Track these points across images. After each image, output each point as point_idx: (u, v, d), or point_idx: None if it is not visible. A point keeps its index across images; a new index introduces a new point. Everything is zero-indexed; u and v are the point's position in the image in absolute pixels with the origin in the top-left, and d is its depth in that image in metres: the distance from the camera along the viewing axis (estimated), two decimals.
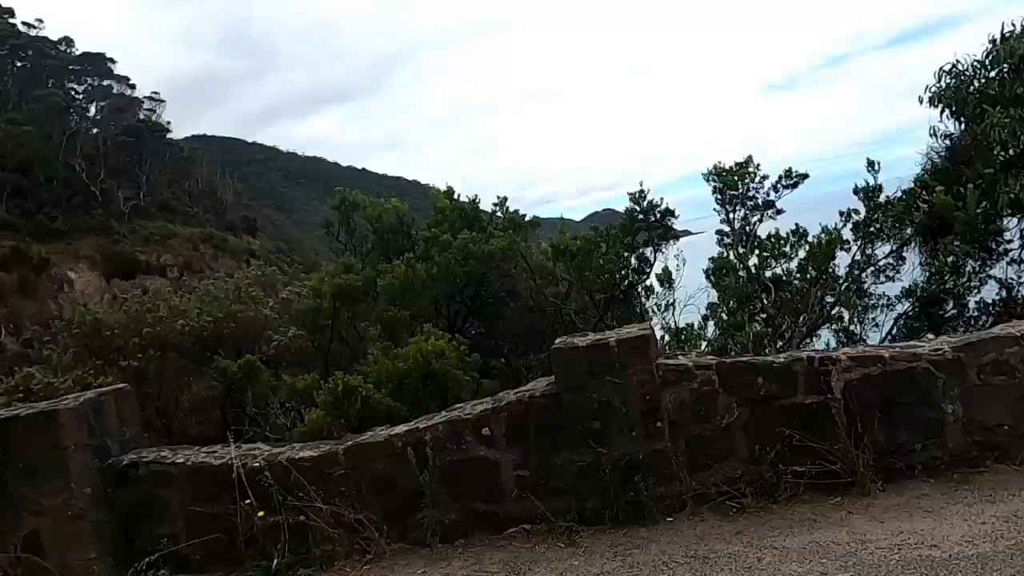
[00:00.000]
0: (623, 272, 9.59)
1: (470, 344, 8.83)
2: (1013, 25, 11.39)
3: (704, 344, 13.95)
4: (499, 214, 10.19)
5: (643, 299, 10.59)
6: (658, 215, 9.30)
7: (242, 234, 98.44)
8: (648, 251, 9.62)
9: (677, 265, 11.05)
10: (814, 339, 13.27)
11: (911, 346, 5.07)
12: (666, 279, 11.32)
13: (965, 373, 4.87)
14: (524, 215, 10.03)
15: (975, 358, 4.84)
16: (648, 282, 11.61)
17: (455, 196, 11.39)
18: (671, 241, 9.63)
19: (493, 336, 10.49)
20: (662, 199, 9.63)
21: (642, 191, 9.43)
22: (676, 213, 9.84)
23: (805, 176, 12.37)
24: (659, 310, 12.01)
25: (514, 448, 5.53)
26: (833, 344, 13.30)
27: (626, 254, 9.54)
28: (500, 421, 5.57)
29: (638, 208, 9.47)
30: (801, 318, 12.87)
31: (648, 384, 5.27)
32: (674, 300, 12.00)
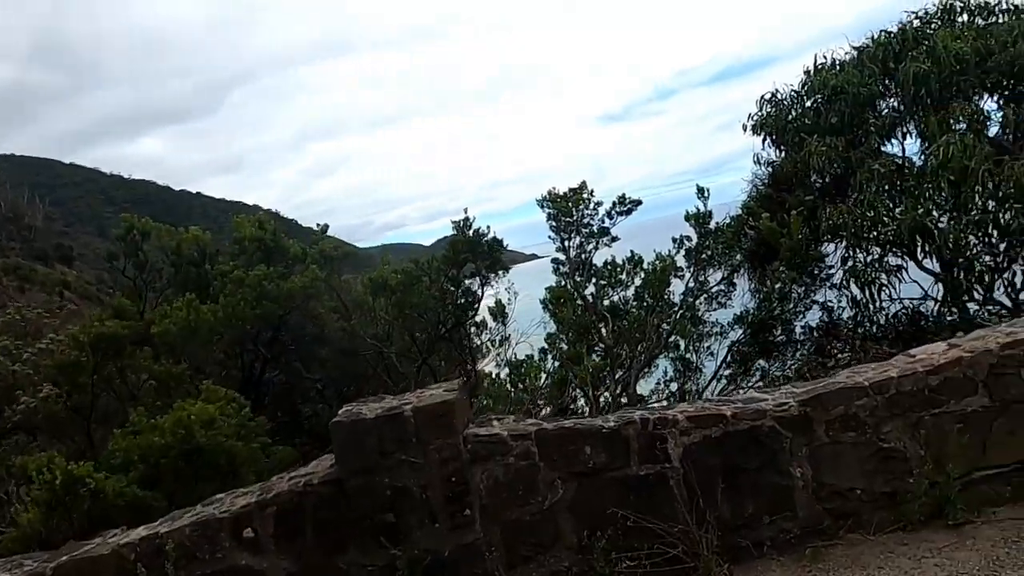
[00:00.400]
0: (449, 308, 8.53)
1: (265, 401, 7.43)
2: (824, 58, 11.64)
3: (544, 376, 13.26)
4: (309, 248, 8.83)
5: (473, 336, 9.60)
6: (486, 245, 8.34)
7: (55, 264, 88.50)
8: (476, 284, 8.63)
9: (509, 298, 10.20)
10: (653, 368, 12.93)
11: (754, 400, 4.34)
12: (499, 312, 10.42)
13: (813, 430, 4.20)
14: (336, 247, 8.75)
15: (823, 412, 4.19)
16: (480, 316, 10.66)
17: (268, 224, 9.88)
18: (501, 272, 8.70)
19: (305, 381, 9.06)
20: (488, 227, 8.70)
21: (467, 218, 8.46)
22: (505, 243, 8.96)
23: (638, 203, 12.02)
24: (494, 345, 11.10)
25: (286, 552, 4.25)
26: (671, 373, 13.04)
27: (452, 288, 8.49)
28: (268, 518, 4.27)
29: (463, 238, 8.47)
30: (640, 347, 12.46)
31: (454, 462, 4.19)
32: (508, 334, 11.15)
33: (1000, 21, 10.56)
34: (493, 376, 12.76)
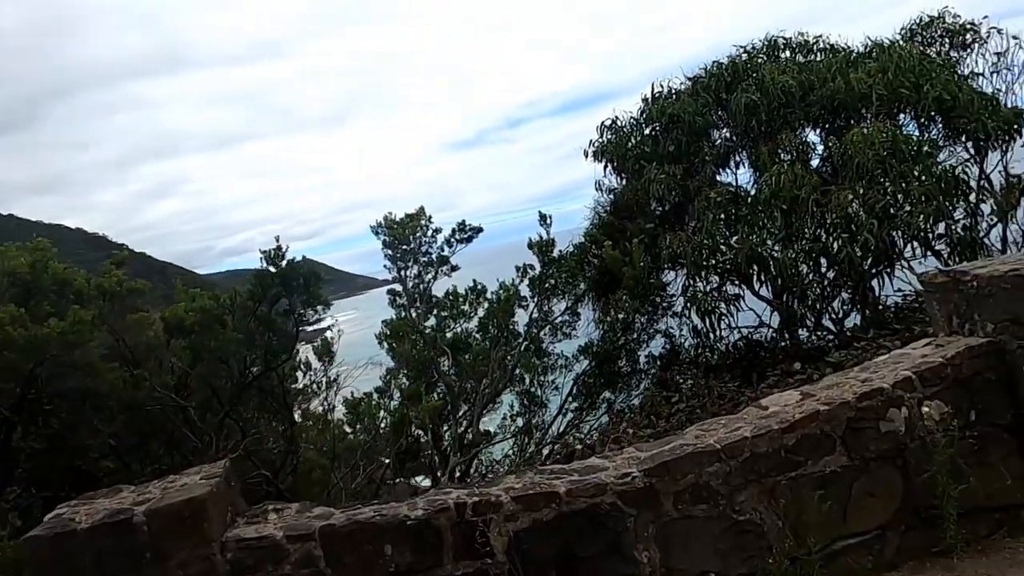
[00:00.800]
0: (258, 351, 7.30)
1: (16, 474, 5.87)
2: (662, 87, 11.57)
3: (383, 414, 12.16)
4: (86, 280, 7.26)
5: (288, 380, 8.38)
6: (302, 278, 7.21)
7: None
8: (291, 323, 7.45)
9: (332, 337, 9.08)
10: (498, 403, 12.22)
11: (593, 471, 3.59)
12: (324, 352, 9.26)
13: (660, 504, 3.51)
14: (122, 280, 7.25)
15: (671, 483, 3.51)
16: (304, 356, 9.43)
17: (45, 252, 8.10)
18: (322, 308, 7.59)
19: (86, 439, 7.43)
20: (303, 257, 7.57)
21: (279, 248, 7.29)
22: (323, 277, 7.86)
23: (479, 230, 11.31)
24: (320, 388, 9.88)
25: None
26: (517, 407, 12.38)
27: (260, 328, 7.27)
28: None
29: (274, 270, 7.29)
30: (484, 382, 11.70)
31: None
32: (337, 374, 9.98)
33: (818, 59, 10.91)
34: (328, 418, 11.52)
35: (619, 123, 11.60)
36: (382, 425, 11.64)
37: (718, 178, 10.57)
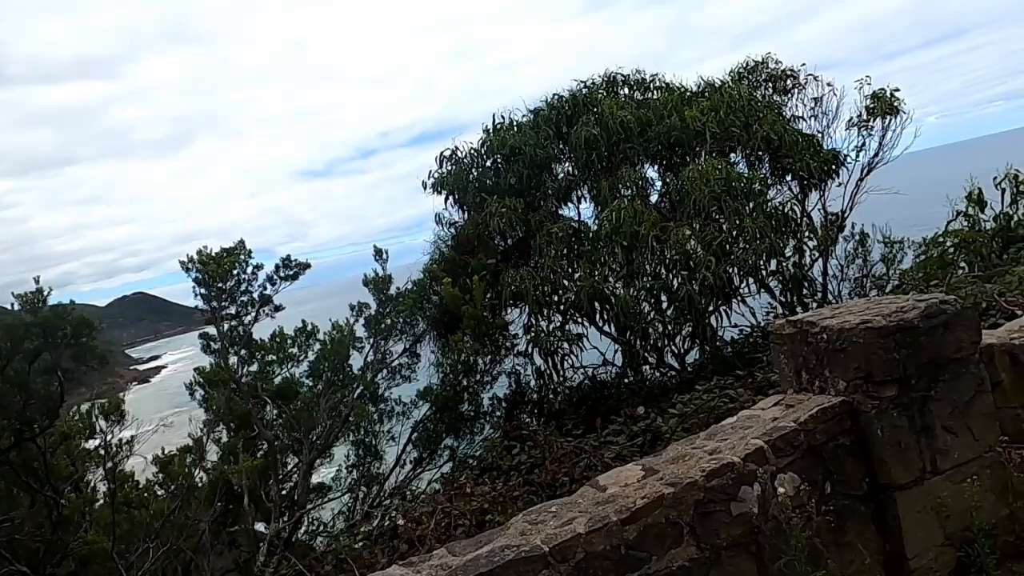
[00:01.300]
0: (11, 419, 5.82)
1: None
2: (503, 118, 11.13)
3: (199, 473, 10.61)
4: None
5: (58, 450, 6.87)
6: (69, 329, 5.84)
7: None
8: (54, 383, 6.02)
9: (123, 394, 7.64)
10: (329, 456, 11.03)
11: None
12: (113, 411, 7.76)
13: None
14: None
15: None
16: (85, 415, 7.87)
17: None
18: (97, 363, 6.23)
19: None
20: (72, 302, 6.18)
21: (39, 291, 5.88)
22: (100, 325, 6.51)
23: (306, 266, 10.17)
24: (107, 454, 8.30)
25: None
26: (353, 459, 11.26)
27: (13, 391, 5.81)
28: None
29: (32, 318, 5.87)
30: (314, 433, 10.50)
31: None
32: (132, 436, 8.46)
33: (655, 96, 10.90)
34: (135, 480, 9.86)
35: (459, 154, 11.01)
36: (198, 485, 10.14)
37: (561, 212, 10.21)
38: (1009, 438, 3.70)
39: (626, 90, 11.07)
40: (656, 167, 10.10)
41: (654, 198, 9.66)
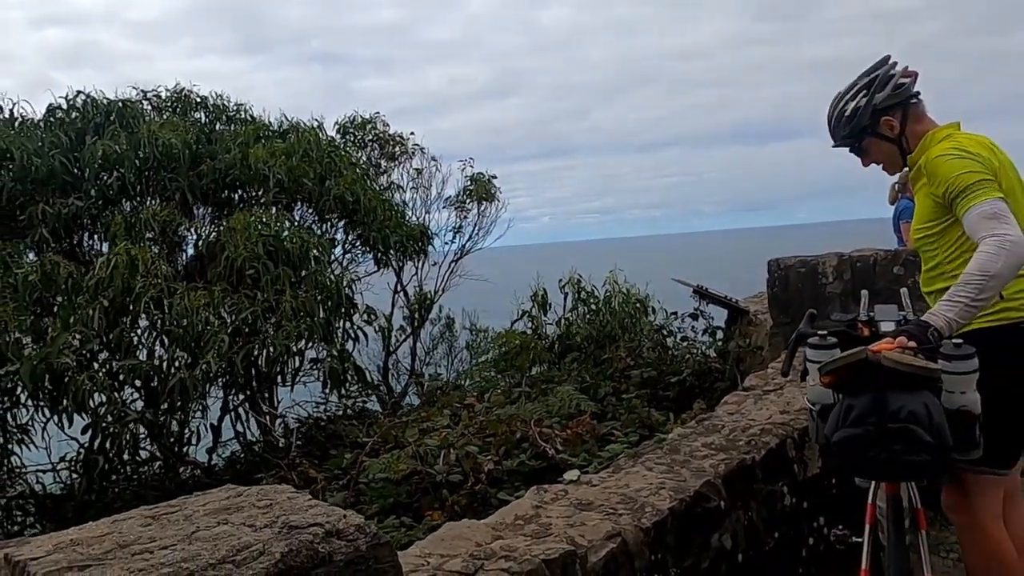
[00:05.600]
0: None
1: None
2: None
3: None
4: None
5: None
6: None
7: None
8: None
9: None
10: None
11: None
12: None
13: None
14: None
15: None
16: None
17: None
18: None
19: None
20: None
21: None
22: None
23: None
24: None
25: None
26: None
27: None
28: None
29: None
30: None
31: None
32: None
33: (233, 128, 8.49)
34: None
35: None
36: None
37: (51, 244, 7.02)
38: None
39: (201, 115, 8.45)
40: (209, 209, 7.59)
41: (191, 249, 7.08)
